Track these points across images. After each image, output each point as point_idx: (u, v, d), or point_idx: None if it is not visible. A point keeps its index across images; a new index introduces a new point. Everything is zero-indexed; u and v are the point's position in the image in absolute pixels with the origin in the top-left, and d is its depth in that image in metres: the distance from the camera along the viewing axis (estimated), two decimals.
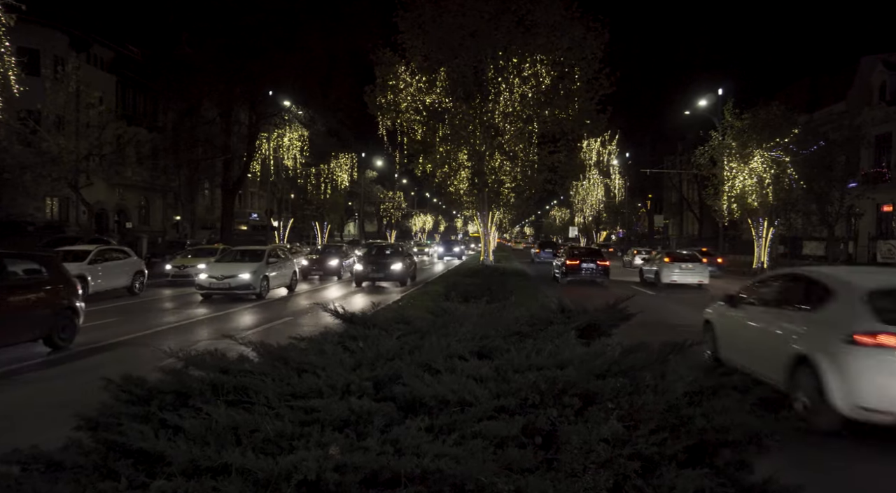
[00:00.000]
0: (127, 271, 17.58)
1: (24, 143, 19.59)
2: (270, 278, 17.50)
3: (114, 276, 17.03)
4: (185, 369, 3.04)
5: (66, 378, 7.86)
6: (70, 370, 8.35)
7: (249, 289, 16.50)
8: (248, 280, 16.45)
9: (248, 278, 16.45)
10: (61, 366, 8.61)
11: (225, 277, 16.44)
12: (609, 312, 4.93)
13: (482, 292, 8.57)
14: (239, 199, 42.12)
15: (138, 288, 17.97)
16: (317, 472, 1.96)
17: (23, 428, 5.39)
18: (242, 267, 16.89)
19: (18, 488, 2.04)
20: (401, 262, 21.14)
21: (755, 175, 27.93)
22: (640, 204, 63.36)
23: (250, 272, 16.60)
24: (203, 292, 16.68)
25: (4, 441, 2.55)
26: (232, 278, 16.40)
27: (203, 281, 16.67)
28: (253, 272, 16.66)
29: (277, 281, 18.18)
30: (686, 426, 2.39)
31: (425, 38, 20.00)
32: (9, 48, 13.39)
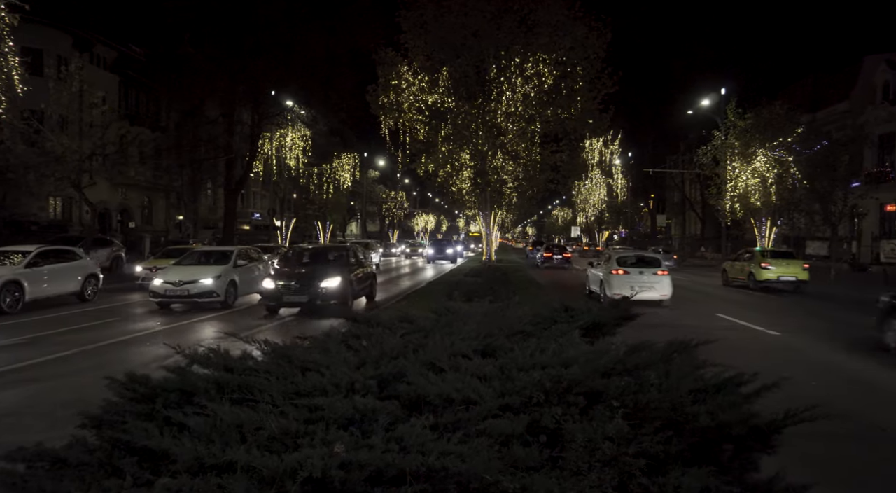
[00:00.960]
0: (76, 275, 15.47)
1: (27, 142, 19.65)
2: (239, 282, 15.25)
3: (60, 280, 14.95)
4: (190, 367, 3.04)
5: None
6: None
7: (212, 296, 14.33)
8: (210, 286, 14.27)
9: (210, 284, 14.28)
10: None
11: (183, 282, 14.19)
12: (613, 311, 4.93)
13: (485, 290, 8.57)
14: (241, 199, 42.19)
15: (90, 294, 15.81)
16: (322, 469, 1.95)
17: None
18: (205, 271, 14.82)
19: (24, 485, 2.05)
20: (338, 275, 13.94)
21: (758, 175, 27.89)
22: (643, 204, 63.32)
23: (213, 277, 14.45)
24: (158, 300, 14.31)
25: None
26: (192, 284, 14.19)
27: (157, 287, 14.21)
28: (217, 277, 14.52)
29: (248, 286, 15.78)
30: (691, 424, 2.39)
31: (427, 38, 20.02)
32: (13, 48, 13.42)
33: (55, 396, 6.81)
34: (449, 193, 26.00)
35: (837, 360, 9.24)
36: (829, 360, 9.26)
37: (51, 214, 30.92)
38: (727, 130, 29.59)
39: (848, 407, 6.21)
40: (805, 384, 7.08)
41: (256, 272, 16.34)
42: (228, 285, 14.79)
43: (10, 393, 7.12)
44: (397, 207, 67.82)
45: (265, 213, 50.64)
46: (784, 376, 2.78)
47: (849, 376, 8.13)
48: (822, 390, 7.07)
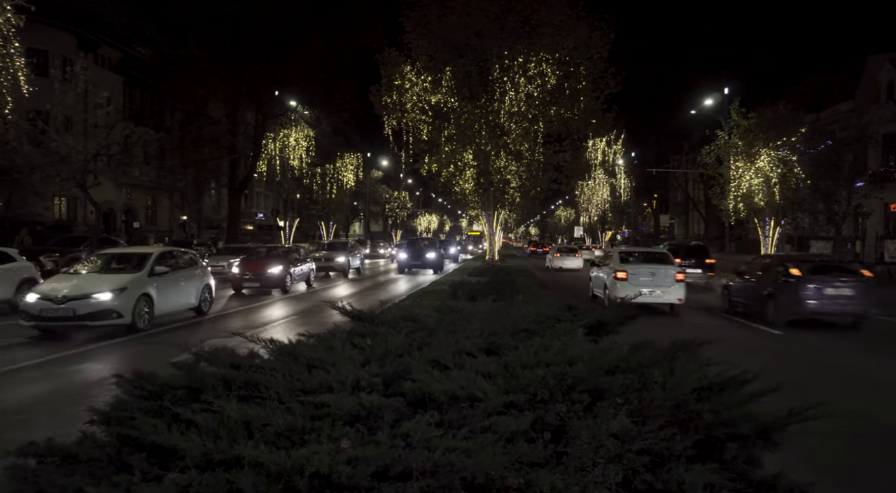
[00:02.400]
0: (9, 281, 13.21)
1: (33, 143, 19.76)
2: (157, 297, 11.45)
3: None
4: (197, 364, 3.07)
5: None
6: None
7: (110, 317, 10.46)
8: (107, 303, 10.42)
9: (107, 300, 10.43)
10: None
11: (68, 298, 10.30)
12: (616, 310, 4.95)
13: (488, 290, 8.58)
14: (245, 199, 42.29)
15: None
16: (329, 465, 1.98)
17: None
18: (103, 281, 10.92)
19: (35, 480, 2.08)
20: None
21: (762, 174, 27.83)
22: (646, 204, 63.23)
23: (113, 290, 10.59)
24: (34, 324, 10.45)
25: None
26: (80, 301, 10.27)
27: (31, 305, 10.39)
28: (119, 290, 10.66)
29: (173, 300, 12.21)
30: (694, 422, 2.40)
31: (431, 38, 20.05)
32: (18, 49, 13.49)
33: None
34: (452, 193, 26.03)
35: (841, 359, 9.23)
36: (833, 358, 9.25)
37: (56, 214, 31.05)
38: (730, 129, 29.54)
39: (851, 405, 6.23)
40: (809, 382, 7.09)
41: (186, 281, 12.65)
42: (138, 302, 10.88)
43: None
44: (400, 208, 67.87)
45: (269, 213, 50.74)
46: (787, 374, 2.79)
47: (852, 374, 8.13)
48: (825, 388, 7.08)
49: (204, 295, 13.34)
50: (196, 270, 13.35)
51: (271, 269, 18.27)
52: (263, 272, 18.14)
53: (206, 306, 13.48)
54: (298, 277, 19.94)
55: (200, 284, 13.24)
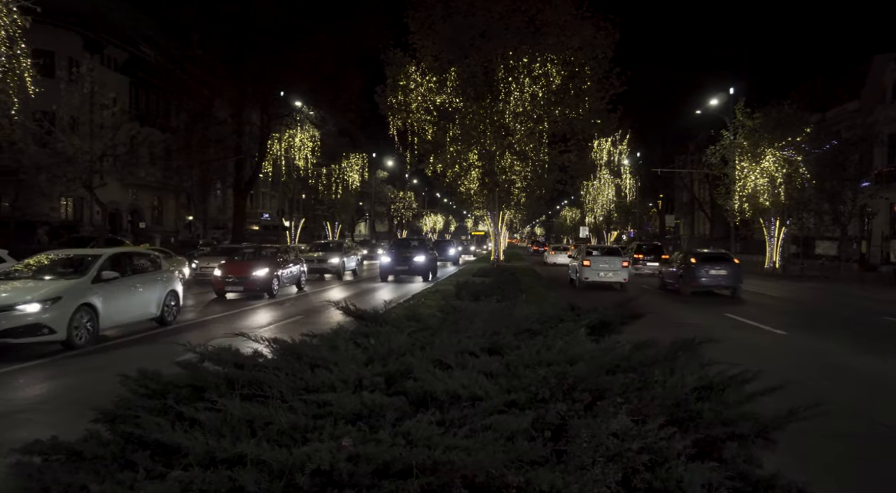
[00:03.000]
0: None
1: (39, 143, 19.88)
2: (103, 308, 9.74)
3: None
4: (201, 363, 3.10)
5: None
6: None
7: (38, 333, 8.73)
8: (33, 315, 8.72)
9: (33, 312, 8.72)
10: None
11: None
12: (619, 310, 4.96)
13: (492, 290, 8.59)
14: (251, 199, 42.41)
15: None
16: (330, 462, 2.00)
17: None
18: (34, 290, 9.15)
19: (40, 477, 2.10)
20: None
21: (767, 174, 27.75)
22: (651, 204, 63.07)
23: (44, 300, 8.86)
24: None
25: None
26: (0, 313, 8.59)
27: None
28: (51, 300, 8.92)
29: (125, 310, 10.45)
30: (694, 421, 2.41)
31: (435, 39, 20.08)
32: (25, 50, 13.58)
33: None
34: (457, 193, 26.06)
35: (845, 359, 9.20)
36: (836, 359, 9.23)
37: (62, 214, 31.23)
38: (736, 129, 29.46)
39: (852, 405, 6.22)
40: (811, 382, 7.07)
41: (144, 288, 10.94)
42: (76, 314, 9.14)
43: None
44: (406, 208, 67.94)
45: (274, 213, 50.88)
46: (789, 374, 2.79)
47: (856, 375, 8.11)
48: (827, 388, 7.06)
49: (168, 303, 11.53)
50: (159, 274, 11.54)
51: (256, 271, 16.98)
52: (248, 275, 16.85)
53: (170, 315, 11.67)
54: (287, 279, 18.68)
55: (163, 290, 11.43)
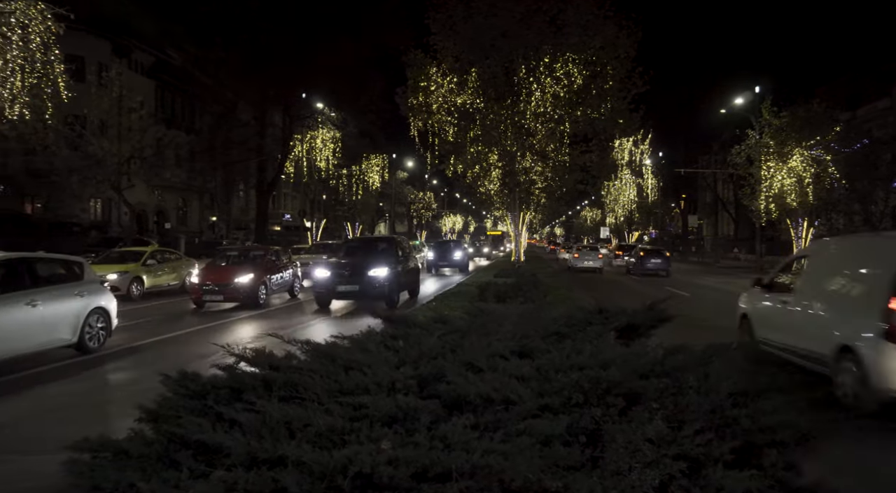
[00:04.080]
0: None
1: (70, 146, 20.32)
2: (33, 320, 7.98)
3: None
4: (238, 365, 3.16)
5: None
6: None
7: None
8: None
9: None
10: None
11: None
12: (647, 313, 4.93)
13: (516, 292, 8.59)
14: (273, 200, 42.84)
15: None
16: (371, 465, 2.03)
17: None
18: None
19: (91, 474, 2.17)
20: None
21: (794, 174, 27.25)
22: (674, 204, 62.35)
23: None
24: None
25: None
26: None
27: None
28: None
29: (16, 338, 7.76)
30: (732, 427, 2.40)
31: (456, 39, 20.04)
32: (58, 56, 13.93)
33: None
34: (477, 193, 26.01)
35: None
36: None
37: (91, 215, 31.89)
38: (762, 129, 28.98)
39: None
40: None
41: (47, 307, 8.22)
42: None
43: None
44: (425, 208, 68.05)
45: (296, 214, 51.34)
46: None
47: None
48: None
49: (91, 324, 9.00)
50: (77, 287, 8.94)
51: (239, 277, 14.56)
52: (229, 282, 14.46)
53: (94, 341, 9.05)
54: (278, 286, 16.25)
55: (83, 308, 8.86)
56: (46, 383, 7.41)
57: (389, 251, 16.33)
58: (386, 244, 17.59)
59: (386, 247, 16.96)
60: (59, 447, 2.47)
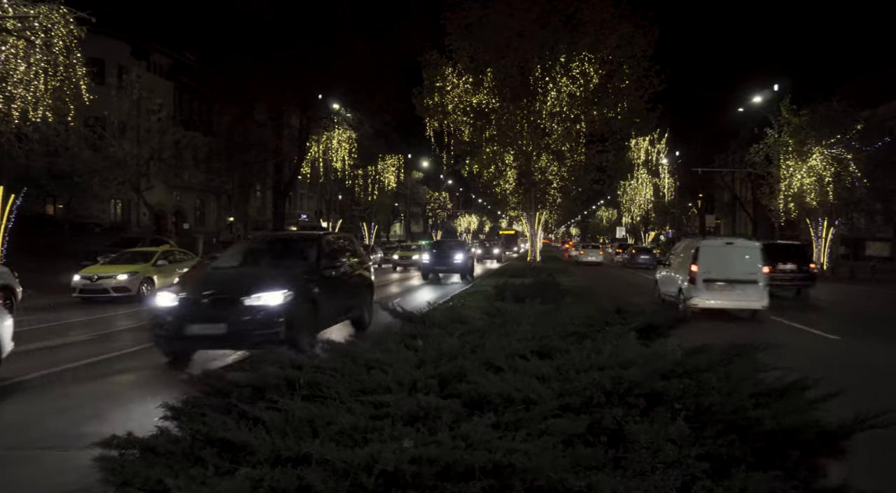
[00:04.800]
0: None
1: (91, 148, 20.67)
2: None
3: None
4: (260, 364, 3.20)
5: None
6: None
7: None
8: None
9: None
10: None
11: None
12: (665, 313, 4.92)
13: (534, 292, 8.57)
14: (289, 200, 43.17)
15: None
16: (395, 464, 2.05)
17: None
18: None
19: (121, 470, 2.21)
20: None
21: (814, 173, 26.91)
22: (691, 204, 61.81)
23: None
24: None
25: None
26: None
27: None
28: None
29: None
30: (755, 428, 2.39)
31: (472, 40, 20.10)
32: (80, 59, 14.17)
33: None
34: (493, 193, 26.04)
35: None
36: (891, 364, 8.93)
37: (112, 216, 32.36)
38: (781, 127, 28.65)
39: None
40: (869, 389, 6.84)
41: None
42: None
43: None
44: (441, 208, 68.12)
45: (312, 214, 51.68)
46: (846, 381, 2.74)
47: None
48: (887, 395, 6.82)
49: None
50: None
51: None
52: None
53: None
54: None
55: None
56: None
57: (299, 259, 9.87)
58: (298, 245, 10.91)
59: (296, 251, 10.46)
60: (88, 443, 2.52)
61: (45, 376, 7.07)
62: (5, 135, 14.19)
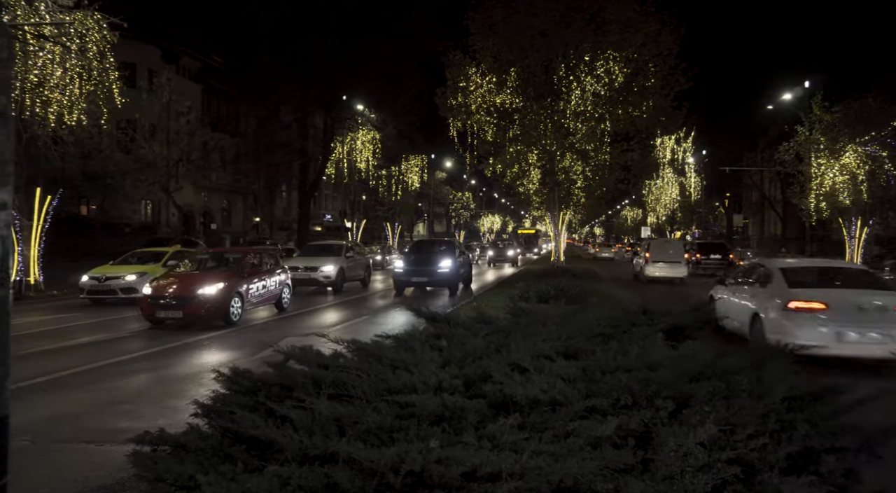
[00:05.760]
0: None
1: (123, 150, 21.16)
2: None
3: None
4: (287, 363, 3.23)
5: None
6: None
7: None
8: None
9: None
10: None
11: None
12: (693, 314, 4.84)
13: (558, 293, 8.53)
14: (314, 201, 43.58)
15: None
16: (421, 464, 2.06)
17: None
18: None
19: (154, 466, 2.26)
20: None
21: (847, 171, 26.22)
22: (718, 203, 60.78)
23: None
24: None
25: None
26: None
27: None
28: None
29: None
30: (787, 432, 2.34)
31: (495, 39, 20.00)
32: (113, 63, 14.52)
33: None
34: (516, 193, 25.91)
35: None
36: None
37: (142, 216, 33.04)
38: (812, 124, 27.98)
39: None
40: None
41: None
42: None
43: None
44: (464, 208, 68.05)
45: (336, 214, 52.05)
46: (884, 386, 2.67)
47: None
48: None
49: None
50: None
51: (203, 288, 11.60)
52: (190, 294, 11.48)
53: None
54: (258, 298, 13.13)
55: None
56: None
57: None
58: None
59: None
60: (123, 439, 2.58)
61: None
62: (42, 138, 14.60)
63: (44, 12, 13.03)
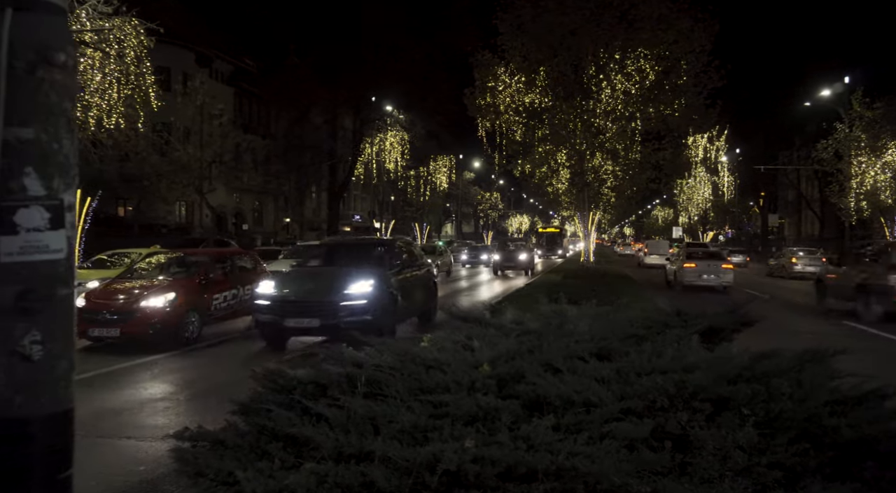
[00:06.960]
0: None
1: (158, 152, 21.72)
2: None
3: None
4: (322, 362, 3.28)
5: None
6: None
7: None
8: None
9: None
10: None
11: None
12: (729, 316, 4.75)
13: (588, 293, 8.46)
14: (343, 201, 44.02)
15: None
16: (457, 463, 2.07)
17: None
18: None
19: (195, 462, 2.32)
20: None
21: (890, 170, 25.44)
22: (752, 202, 59.48)
23: None
24: None
25: None
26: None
27: None
28: None
29: None
30: (830, 437, 2.29)
31: (524, 39, 19.94)
32: (149, 68, 14.91)
33: None
34: (545, 193, 25.78)
35: None
36: None
37: (176, 217, 33.80)
38: (852, 121, 27.20)
39: None
40: None
41: None
42: None
43: None
44: (492, 208, 67.98)
45: (365, 215, 52.52)
46: None
47: None
48: None
49: None
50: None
51: (149, 300, 9.49)
52: (130, 308, 9.39)
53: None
54: (225, 310, 10.84)
55: None
56: None
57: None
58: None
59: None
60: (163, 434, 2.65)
61: None
62: (82, 142, 15.06)
63: (84, 19, 13.44)
